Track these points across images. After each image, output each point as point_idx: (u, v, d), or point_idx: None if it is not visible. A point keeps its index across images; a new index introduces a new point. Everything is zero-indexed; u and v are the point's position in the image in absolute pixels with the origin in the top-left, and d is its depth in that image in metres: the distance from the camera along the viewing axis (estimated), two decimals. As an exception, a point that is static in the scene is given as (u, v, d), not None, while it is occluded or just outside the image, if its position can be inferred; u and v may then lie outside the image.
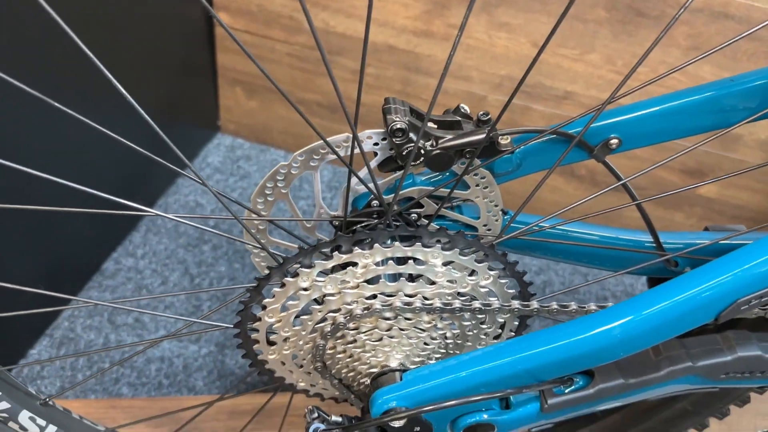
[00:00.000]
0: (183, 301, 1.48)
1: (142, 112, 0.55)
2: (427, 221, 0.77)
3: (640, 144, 0.76)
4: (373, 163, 0.72)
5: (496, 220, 0.79)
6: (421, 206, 0.77)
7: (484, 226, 0.79)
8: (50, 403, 0.79)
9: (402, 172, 0.74)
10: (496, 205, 0.77)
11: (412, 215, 0.76)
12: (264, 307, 0.66)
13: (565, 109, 1.52)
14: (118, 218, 1.54)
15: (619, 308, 0.61)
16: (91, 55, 0.50)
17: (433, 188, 0.74)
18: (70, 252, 1.43)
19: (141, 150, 0.59)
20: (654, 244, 0.81)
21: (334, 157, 0.70)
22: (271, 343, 0.71)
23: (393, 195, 0.73)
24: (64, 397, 1.29)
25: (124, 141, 0.57)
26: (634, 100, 0.75)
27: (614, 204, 0.73)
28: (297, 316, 0.68)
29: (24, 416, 0.72)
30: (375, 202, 0.76)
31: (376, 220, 0.74)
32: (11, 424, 0.71)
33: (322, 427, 0.66)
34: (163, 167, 1.62)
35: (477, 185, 0.75)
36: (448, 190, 0.73)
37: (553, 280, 1.61)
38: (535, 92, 1.51)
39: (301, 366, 0.74)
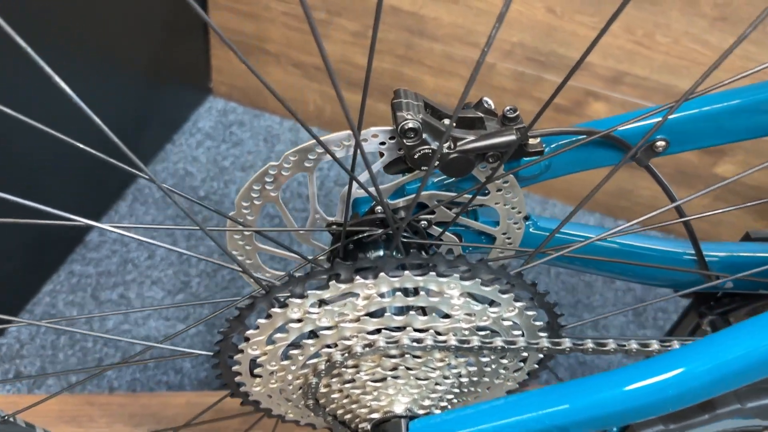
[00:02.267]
0: (170, 277, 1.36)
1: (97, 120, 0.41)
2: (437, 227, 0.65)
3: (690, 146, 0.63)
4: (378, 165, 0.59)
5: (518, 228, 0.66)
6: (432, 212, 0.64)
7: (504, 234, 0.67)
8: (11, 420, 0.68)
9: (409, 175, 0.61)
10: (518, 212, 0.65)
11: (422, 222, 0.64)
12: (247, 339, 0.54)
13: (580, 80, 1.38)
14: (103, 186, 1.41)
15: (674, 357, 0.49)
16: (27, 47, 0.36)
17: (450, 194, 0.62)
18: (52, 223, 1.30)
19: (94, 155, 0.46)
20: (695, 258, 0.69)
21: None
22: (255, 375, 0.59)
23: (403, 207, 0.60)
24: (46, 387, 1.18)
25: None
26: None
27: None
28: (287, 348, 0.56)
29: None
30: (379, 208, 0.63)
31: (380, 230, 0.61)
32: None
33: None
34: (152, 130, 1.48)
35: (498, 190, 0.62)
36: (464, 195, 0.61)
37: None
38: (548, 61, 1.37)
39: (290, 401, 0.62)
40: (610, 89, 1.40)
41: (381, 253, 0.61)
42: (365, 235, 0.61)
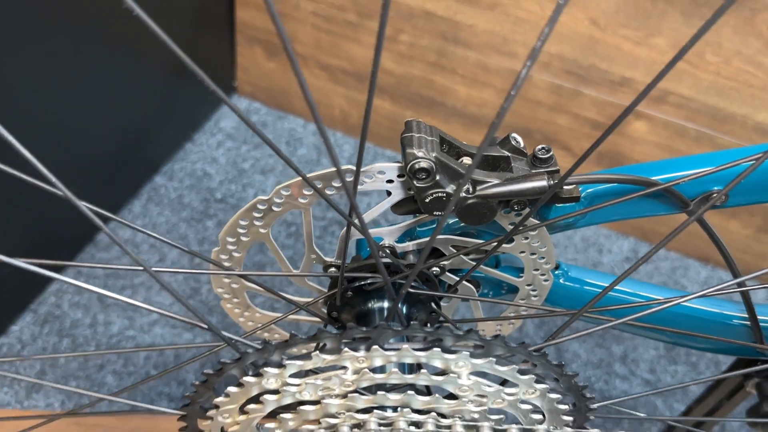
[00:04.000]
0: (180, 282, 1.28)
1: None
2: (451, 274, 0.55)
3: (751, 199, 0.53)
4: (386, 204, 0.50)
5: (545, 281, 0.56)
6: (444, 254, 0.55)
7: (528, 286, 0.57)
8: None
9: (420, 217, 0.52)
10: (547, 263, 0.55)
11: (433, 270, 0.54)
12: (216, 406, 0.45)
13: (621, 97, 1.27)
14: (117, 183, 1.34)
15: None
16: None
17: (467, 239, 0.52)
18: (61, 219, 1.22)
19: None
20: (749, 323, 0.58)
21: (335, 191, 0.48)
22: (230, 441, 0.50)
23: (412, 251, 0.51)
24: (44, 392, 1.11)
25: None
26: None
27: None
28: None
29: None
30: (386, 246, 0.54)
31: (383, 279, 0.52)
32: None
33: None
34: (172, 127, 1.40)
35: (525, 239, 0.52)
36: (483, 244, 0.51)
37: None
38: (588, 75, 1.26)
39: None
40: (652, 108, 1.28)
41: (384, 304, 0.52)
42: (367, 282, 0.52)
